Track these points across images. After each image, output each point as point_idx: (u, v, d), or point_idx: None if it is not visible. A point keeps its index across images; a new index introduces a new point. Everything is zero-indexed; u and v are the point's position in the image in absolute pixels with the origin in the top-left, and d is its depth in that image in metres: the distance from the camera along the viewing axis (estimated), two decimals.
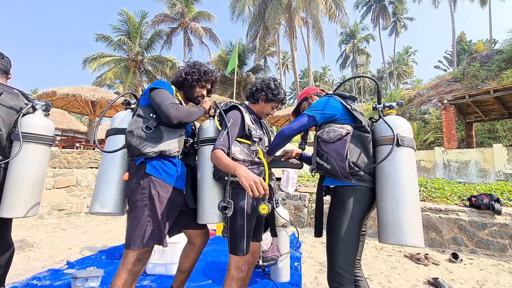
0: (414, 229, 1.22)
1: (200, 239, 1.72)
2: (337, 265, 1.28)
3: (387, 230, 1.26)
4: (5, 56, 1.72)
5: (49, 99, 8.49)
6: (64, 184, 5.61)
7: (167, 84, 1.55)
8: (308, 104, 1.73)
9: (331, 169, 1.36)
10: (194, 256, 1.73)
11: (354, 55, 37.34)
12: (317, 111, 1.47)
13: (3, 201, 1.49)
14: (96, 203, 1.42)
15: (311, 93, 1.76)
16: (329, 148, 1.38)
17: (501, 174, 7.75)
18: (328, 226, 1.40)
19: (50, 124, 1.67)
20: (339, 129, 1.40)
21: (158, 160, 1.43)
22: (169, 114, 1.38)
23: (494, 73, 15.52)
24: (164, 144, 1.43)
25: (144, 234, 1.35)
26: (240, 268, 1.41)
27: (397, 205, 1.25)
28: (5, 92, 1.58)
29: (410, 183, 1.30)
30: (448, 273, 2.71)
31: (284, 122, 11.56)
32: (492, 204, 3.31)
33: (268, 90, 1.64)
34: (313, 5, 17.52)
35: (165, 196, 1.43)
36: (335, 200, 1.42)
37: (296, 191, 4.91)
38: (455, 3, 26.91)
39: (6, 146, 1.54)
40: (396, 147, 1.30)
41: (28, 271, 2.63)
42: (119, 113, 1.59)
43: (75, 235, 4.06)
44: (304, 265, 2.89)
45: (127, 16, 18.75)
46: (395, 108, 1.46)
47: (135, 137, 1.39)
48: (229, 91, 22.08)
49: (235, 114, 1.51)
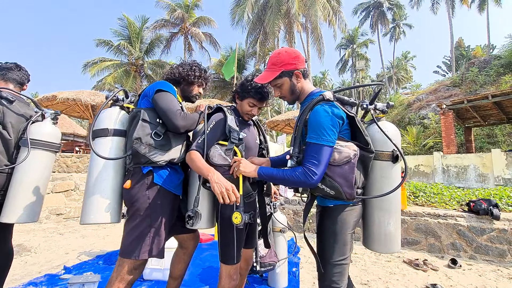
0: (398, 239, 1.33)
1: (192, 242, 1.70)
2: (330, 280, 1.24)
3: (379, 242, 1.32)
4: (23, 69, 1.81)
5: (49, 103, 8.51)
6: (63, 188, 5.60)
7: (170, 86, 1.49)
8: (290, 83, 1.34)
9: (335, 194, 1.17)
10: (186, 260, 1.71)
11: (353, 60, 37.57)
12: (333, 134, 1.17)
13: (6, 206, 1.50)
14: (90, 213, 1.30)
15: (299, 70, 1.33)
16: (334, 171, 1.17)
17: (500, 179, 7.75)
18: (321, 240, 1.31)
19: (57, 132, 1.71)
20: (345, 150, 1.18)
21: (165, 168, 1.41)
22: (177, 123, 1.35)
23: (493, 78, 15.60)
24: (173, 152, 1.41)
25: (143, 244, 1.31)
26: (231, 276, 1.40)
27: (389, 221, 1.29)
28: (17, 100, 1.65)
29: (398, 197, 1.33)
30: (447, 279, 2.70)
31: (284, 126, 11.54)
32: (491, 210, 3.31)
33: (240, 86, 1.54)
34: (312, 11, 17.69)
35: (168, 206, 1.41)
36: (329, 216, 1.29)
37: (294, 196, 4.91)
38: (453, 9, 27.20)
39: (14, 152, 1.59)
40: (392, 163, 1.27)
41: (24, 276, 2.61)
42: (110, 112, 1.45)
43: (73, 240, 4.04)
44: (302, 271, 2.88)
45: (127, 21, 18.93)
46: (386, 112, 1.35)
47: (143, 144, 1.33)
48: (229, 95, 22.18)
49: (217, 116, 1.48)
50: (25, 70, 1.82)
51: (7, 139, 1.55)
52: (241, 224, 1.25)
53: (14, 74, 1.75)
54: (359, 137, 1.24)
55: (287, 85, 1.35)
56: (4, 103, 1.57)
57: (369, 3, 33.16)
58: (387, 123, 1.31)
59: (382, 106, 1.32)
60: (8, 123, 1.56)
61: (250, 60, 24.38)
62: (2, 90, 1.60)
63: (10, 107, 1.59)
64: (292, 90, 1.36)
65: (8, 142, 1.56)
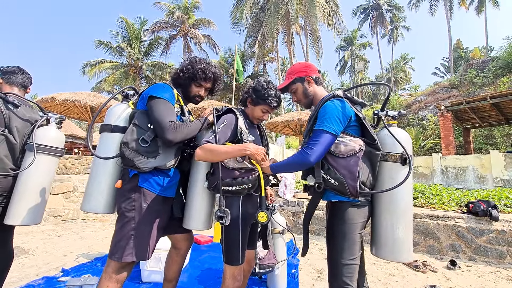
0: (409, 248, 1.29)
1: (186, 243, 1.67)
2: (341, 280, 1.25)
3: (386, 247, 1.29)
4: (26, 72, 1.83)
5: (48, 104, 8.49)
6: (61, 190, 5.57)
7: (168, 89, 1.44)
8: (302, 88, 1.52)
9: (338, 186, 1.25)
10: (180, 261, 1.68)
11: (352, 62, 37.69)
12: (337, 124, 1.27)
13: (11, 208, 1.52)
14: (88, 204, 1.41)
15: (310, 76, 1.50)
16: (339, 163, 1.26)
17: (499, 180, 7.76)
18: (330, 241, 1.34)
19: (62, 136, 1.73)
20: (350, 143, 1.26)
21: (152, 173, 1.39)
22: (165, 136, 1.29)
23: (491, 79, 15.67)
24: (160, 159, 1.36)
25: (126, 247, 1.30)
26: (235, 277, 1.40)
27: (397, 225, 1.27)
28: (22, 105, 1.67)
29: (410, 202, 1.32)
30: (446, 281, 2.70)
31: (283, 127, 11.56)
32: (490, 211, 3.31)
33: (255, 92, 1.53)
34: (311, 13, 17.75)
35: (155, 208, 1.39)
36: (337, 215, 1.33)
37: (294, 197, 4.90)
38: (451, 11, 27.35)
39: (19, 157, 1.61)
40: (401, 165, 1.28)
41: (22, 278, 2.60)
42: (116, 108, 1.48)
43: (71, 242, 4.02)
44: (301, 273, 2.87)
45: (126, 23, 18.95)
46: (398, 119, 1.39)
47: (129, 149, 1.32)
48: (228, 97, 22.19)
49: (229, 116, 1.48)
50: (28, 73, 1.84)
51: (13, 143, 1.58)
52: (267, 222, 1.30)
53: (18, 78, 1.77)
54: (366, 134, 1.32)
55: (300, 90, 1.53)
56: (10, 108, 1.59)
57: (368, 5, 33.32)
58: (398, 129, 1.36)
59: (393, 113, 1.38)
60: (14, 127, 1.58)
61: (249, 62, 24.42)
62: (8, 95, 1.62)
63: (15, 112, 1.61)
64: (305, 94, 1.52)
65: (14, 146, 1.58)
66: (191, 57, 1.61)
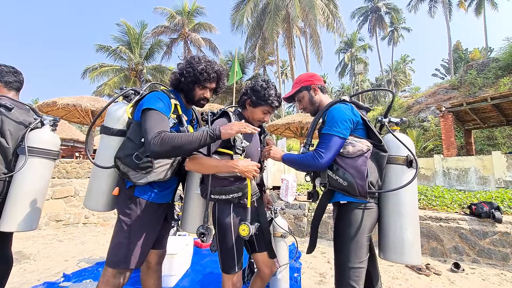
0: (418, 250, 1.30)
1: (155, 258, 1.59)
2: (348, 284, 1.25)
3: (395, 249, 1.30)
4: (20, 73, 1.78)
5: (49, 109, 8.53)
6: (62, 194, 5.57)
7: (163, 98, 1.34)
8: (308, 96, 1.57)
9: (347, 186, 1.26)
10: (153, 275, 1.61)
11: (352, 64, 37.78)
12: (345, 128, 1.31)
13: (5, 215, 1.49)
14: (90, 202, 1.46)
15: (316, 85, 1.56)
16: (347, 163, 1.28)
17: (501, 181, 7.72)
18: (337, 244, 1.35)
19: (56, 139, 1.70)
20: (358, 144, 1.30)
21: (149, 183, 1.36)
22: (149, 148, 1.18)
23: (491, 80, 15.66)
24: (155, 174, 1.33)
25: (120, 255, 1.30)
26: (235, 285, 1.37)
27: (406, 226, 1.28)
28: (16, 107, 1.63)
29: (416, 204, 1.34)
30: (450, 284, 2.67)
31: (284, 130, 11.55)
32: (493, 212, 3.29)
33: (254, 93, 1.46)
34: (311, 15, 17.83)
35: (150, 217, 1.38)
36: (344, 218, 1.33)
37: (295, 200, 4.88)
38: (450, 13, 27.43)
39: (12, 160, 1.58)
40: (406, 167, 1.32)
41: (23, 284, 2.59)
42: (117, 109, 1.44)
43: (72, 247, 4.01)
44: (303, 276, 2.85)
45: (126, 27, 19.04)
46: (400, 125, 1.44)
47: (122, 164, 1.30)
48: (228, 99, 22.23)
49: (222, 121, 1.42)
50: (21, 74, 1.78)
51: (5, 147, 1.54)
52: (248, 236, 1.24)
53: (11, 78, 1.71)
54: (372, 137, 1.35)
55: (306, 97, 1.59)
56: (2, 111, 1.55)
57: (367, 7, 33.45)
58: (401, 134, 1.40)
59: (396, 119, 1.44)
60: (7, 130, 1.55)
61: (249, 65, 24.49)
62: (1, 98, 1.59)
63: (8, 115, 1.57)
64: (311, 101, 1.58)
65: (6, 150, 1.55)
66: (189, 57, 1.47)
